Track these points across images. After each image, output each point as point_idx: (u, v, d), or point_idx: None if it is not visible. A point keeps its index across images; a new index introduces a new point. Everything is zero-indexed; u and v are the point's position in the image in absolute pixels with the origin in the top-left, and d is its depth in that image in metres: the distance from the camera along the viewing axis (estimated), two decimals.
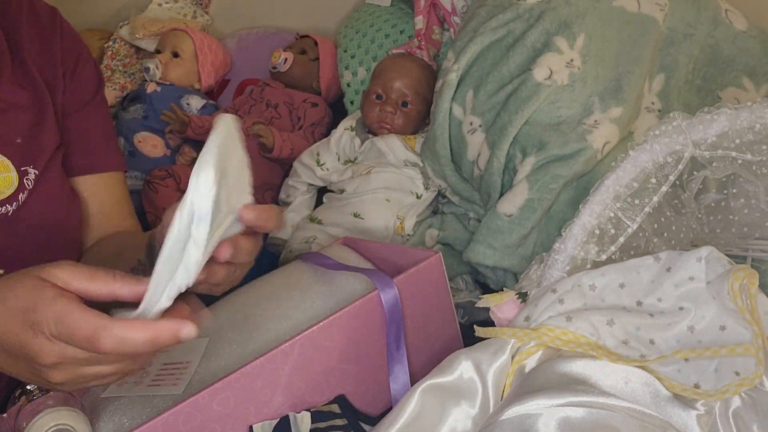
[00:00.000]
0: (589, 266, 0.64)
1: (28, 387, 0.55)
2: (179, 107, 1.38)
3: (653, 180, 0.62)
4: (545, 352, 0.59)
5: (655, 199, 0.62)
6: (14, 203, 0.67)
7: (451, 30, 1.25)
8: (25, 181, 0.69)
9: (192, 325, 0.42)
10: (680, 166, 0.62)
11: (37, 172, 0.70)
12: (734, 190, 0.65)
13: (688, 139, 0.62)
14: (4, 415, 0.57)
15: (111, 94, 1.45)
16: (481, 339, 0.62)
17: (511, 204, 0.89)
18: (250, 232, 0.49)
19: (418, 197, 1.10)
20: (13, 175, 0.68)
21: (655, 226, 0.64)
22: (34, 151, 0.70)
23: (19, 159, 0.68)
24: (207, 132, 1.44)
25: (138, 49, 1.55)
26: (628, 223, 0.62)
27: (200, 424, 0.54)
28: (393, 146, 1.12)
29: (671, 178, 0.62)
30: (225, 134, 0.43)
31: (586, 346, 0.57)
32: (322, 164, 1.18)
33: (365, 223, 1.05)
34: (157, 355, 0.44)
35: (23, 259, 0.52)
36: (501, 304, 0.65)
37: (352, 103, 1.34)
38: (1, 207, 0.66)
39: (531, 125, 0.92)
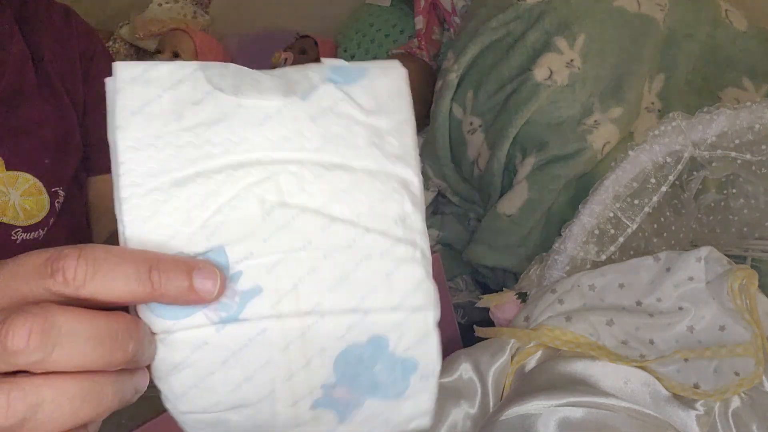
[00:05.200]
0: (588, 266, 0.64)
1: None
2: None
3: (653, 180, 0.62)
4: (545, 352, 0.59)
5: (655, 199, 0.62)
6: (45, 228, 0.65)
7: (451, 30, 1.25)
8: (56, 204, 0.66)
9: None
10: (680, 167, 0.62)
11: (65, 193, 0.68)
12: (734, 190, 0.65)
13: (688, 140, 0.62)
14: None
15: None
16: (481, 339, 0.62)
17: (511, 204, 0.89)
18: None
19: None
20: (46, 198, 0.65)
21: (655, 226, 0.64)
22: (61, 171, 0.68)
23: (49, 180, 0.66)
24: None
25: (138, 49, 1.55)
26: (628, 223, 0.62)
27: None
28: None
29: (671, 178, 0.62)
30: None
31: (585, 346, 0.57)
32: None
33: None
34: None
35: None
36: (501, 305, 0.65)
37: None
38: (34, 231, 0.64)
39: (531, 125, 0.92)
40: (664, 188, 0.62)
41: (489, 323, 0.65)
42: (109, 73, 0.29)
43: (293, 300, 0.29)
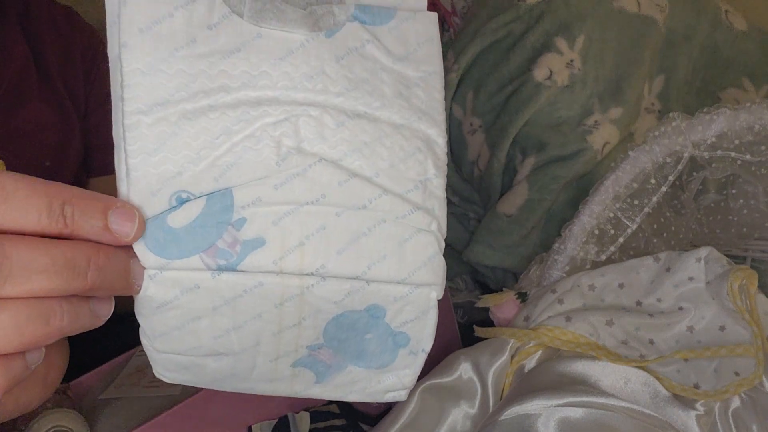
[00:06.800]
0: (588, 266, 0.64)
1: None
2: None
3: (653, 181, 0.62)
4: (544, 352, 0.59)
5: (655, 199, 0.62)
6: None
7: (451, 30, 1.25)
8: None
9: None
10: (679, 167, 0.62)
11: None
12: (734, 191, 0.65)
13: (688, 140, 0.62)
14: None
15: None
16: (481, 339, 0.62)
17: (510, 204, 0.89)
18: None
19: None
20: None
21: (655, 226, 0.64)
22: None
23: None
24: None
25: None
26: (628, 223, 0.62)
27: (199, 424, 0.54)
28: None
29: (670, 178, 0.62)
30: None
31: (585, 346, 0.57)
32: None
33: None
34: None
35: None
36: (500, 304, 0.65)
37: None
38: None
39: (531, 126, 0.92)
40: (664, 189, 0.62)
41: (489, 323, 0.65)
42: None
43: (297, 258, 0.27)
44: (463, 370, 0.58)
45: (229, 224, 0.26)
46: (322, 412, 0.60)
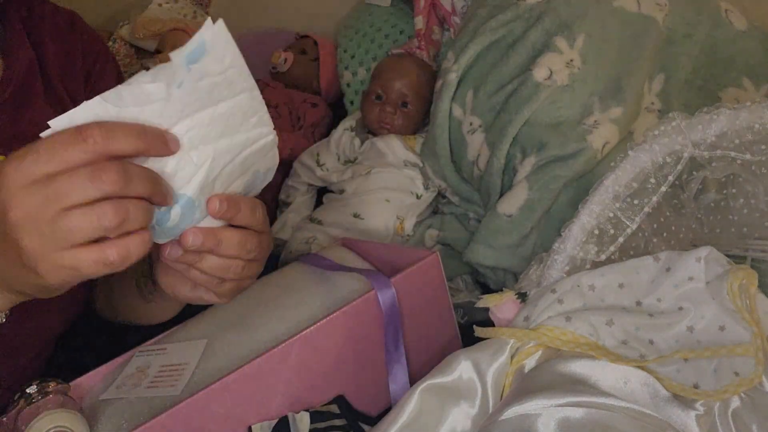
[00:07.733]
0: (588, 266, 0.64)
1: (27, 390, 0.55)
2: None
3: (652, 180, 0.62)
4: (544, 352, 0.59)
5: (654, 199, 0.62)
6: None
7: (451, 30, 1.25)
8: None
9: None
10: (679, 167, 0.62)
11: None
12: (734, 190, 0.65)
13: (688, 139, 0.62)
14: (3, 418, 0.57)
15: None
16: (481, 339, 0.62)
17: (510, 204, 0.89)
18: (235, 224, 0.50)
19: (417, 197, 1.10)
20: None
21: (655, 226, 0.64)
22: None
23: None
24: None
25: (138, 49, 1.55)
26: (628, 223, 0.62)
27: (199, 424, 0.54)
28: (393, 146, 1.12)
29: (670, 178, 0.62)
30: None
31: (585, 346, 0.57)
32: (322, 164, 1.17)
33: (365, 224, 1.05)
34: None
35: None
36: (500, 305, 0.65)
37: (352, 103, 1.34)
38: None
39: (531, 125, 0.92)
40: (663, 188, 0.62)
41: (489, 323, 0.65)
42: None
43: (218, 186, 0.49)
44: (463, 370, 0.58)
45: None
46: (321, 412, 0.60)
